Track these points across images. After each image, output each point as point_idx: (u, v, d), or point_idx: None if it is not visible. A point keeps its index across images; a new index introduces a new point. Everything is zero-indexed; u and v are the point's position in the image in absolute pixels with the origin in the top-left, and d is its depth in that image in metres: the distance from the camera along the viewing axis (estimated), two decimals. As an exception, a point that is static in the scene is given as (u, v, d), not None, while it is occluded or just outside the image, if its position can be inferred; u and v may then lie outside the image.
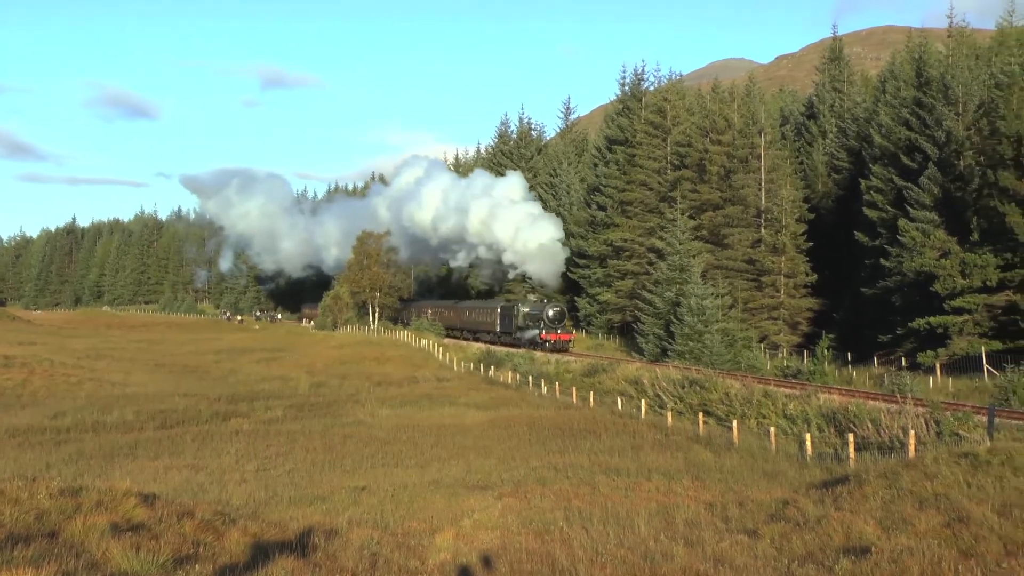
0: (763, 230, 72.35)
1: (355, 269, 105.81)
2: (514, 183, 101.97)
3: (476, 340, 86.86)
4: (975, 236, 56.11)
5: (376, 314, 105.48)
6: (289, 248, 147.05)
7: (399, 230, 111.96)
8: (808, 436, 28.91)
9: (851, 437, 27.07)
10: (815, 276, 71.37)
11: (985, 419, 26.58)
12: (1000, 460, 17.51)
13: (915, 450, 23.31)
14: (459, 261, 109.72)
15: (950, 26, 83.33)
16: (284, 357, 76.04)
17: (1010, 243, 53.58)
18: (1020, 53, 67.79)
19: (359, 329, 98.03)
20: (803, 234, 72.01)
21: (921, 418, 29.35)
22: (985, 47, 77.87)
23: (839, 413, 34.04)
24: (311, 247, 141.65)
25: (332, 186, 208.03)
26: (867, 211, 66.81)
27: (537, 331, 74.71)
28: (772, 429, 31.56)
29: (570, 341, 75.95)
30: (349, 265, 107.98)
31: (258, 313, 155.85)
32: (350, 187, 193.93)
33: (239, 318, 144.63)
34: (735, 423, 33.08)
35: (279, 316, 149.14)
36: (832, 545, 15.04)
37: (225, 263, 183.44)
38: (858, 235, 67.09)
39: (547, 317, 75.47)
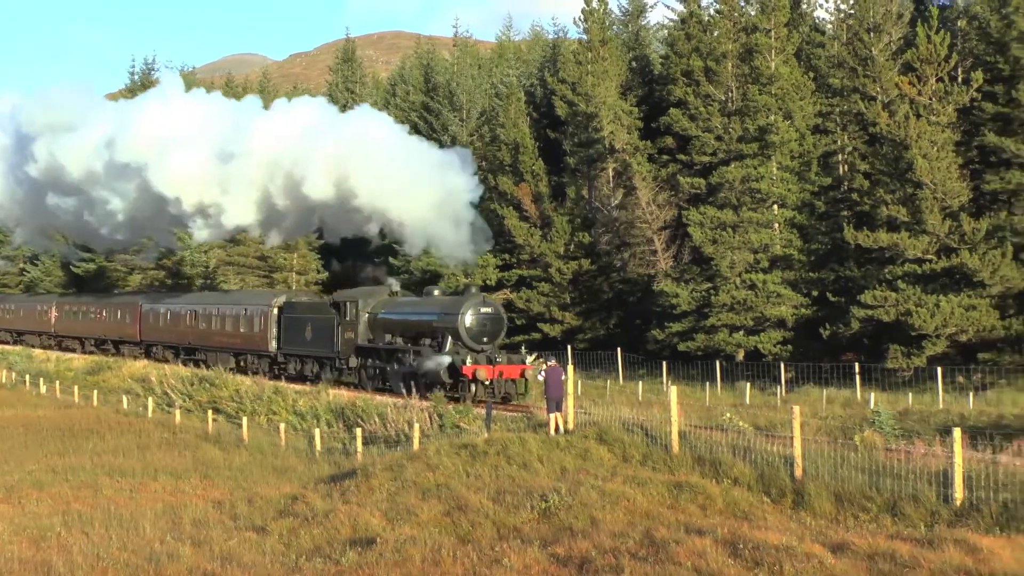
0: (276, 227, 72.41)
1: None
2: None
3: (244, 372, 46.76)
4: (478, 237, 59.35)
5: None
6: None
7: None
8: (318, 432, 29.20)
9: (359, 432, 27.72)
10: (326, 273, 72.38)
11: (484, 412, 27.99)
12: (496, 450, 18.64)
13: (419, 443, 24.16)
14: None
15: (455, 36, 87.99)
16: None
17: (508, 245, 57.22)
18: (517, 66, 72.65)
19: None
20: (315, 231, 72.72)
21: (426, 412, 30.51)
22: (487, 58, 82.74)
23: (348, 408, 34.60)
24: None
25: None
26: (375, 210, 68.67)
27: (445, 360, 34.59)
28: (282, 426, 31.70)
29: (523, 377, 35.01)
30: None
31: None
32: None
33: None
34: (245, 420, 32.92)
35: None
36: (339, 538, 15.39)
37: None
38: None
39: (464, 328, 34.97)
